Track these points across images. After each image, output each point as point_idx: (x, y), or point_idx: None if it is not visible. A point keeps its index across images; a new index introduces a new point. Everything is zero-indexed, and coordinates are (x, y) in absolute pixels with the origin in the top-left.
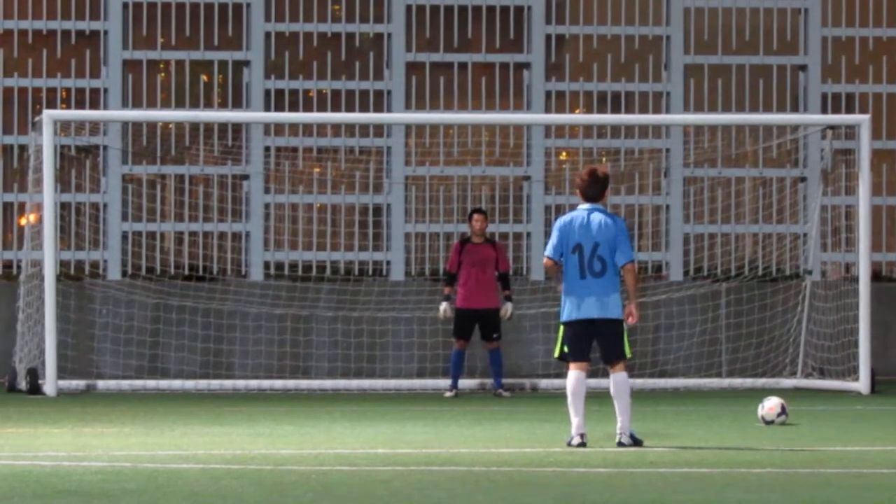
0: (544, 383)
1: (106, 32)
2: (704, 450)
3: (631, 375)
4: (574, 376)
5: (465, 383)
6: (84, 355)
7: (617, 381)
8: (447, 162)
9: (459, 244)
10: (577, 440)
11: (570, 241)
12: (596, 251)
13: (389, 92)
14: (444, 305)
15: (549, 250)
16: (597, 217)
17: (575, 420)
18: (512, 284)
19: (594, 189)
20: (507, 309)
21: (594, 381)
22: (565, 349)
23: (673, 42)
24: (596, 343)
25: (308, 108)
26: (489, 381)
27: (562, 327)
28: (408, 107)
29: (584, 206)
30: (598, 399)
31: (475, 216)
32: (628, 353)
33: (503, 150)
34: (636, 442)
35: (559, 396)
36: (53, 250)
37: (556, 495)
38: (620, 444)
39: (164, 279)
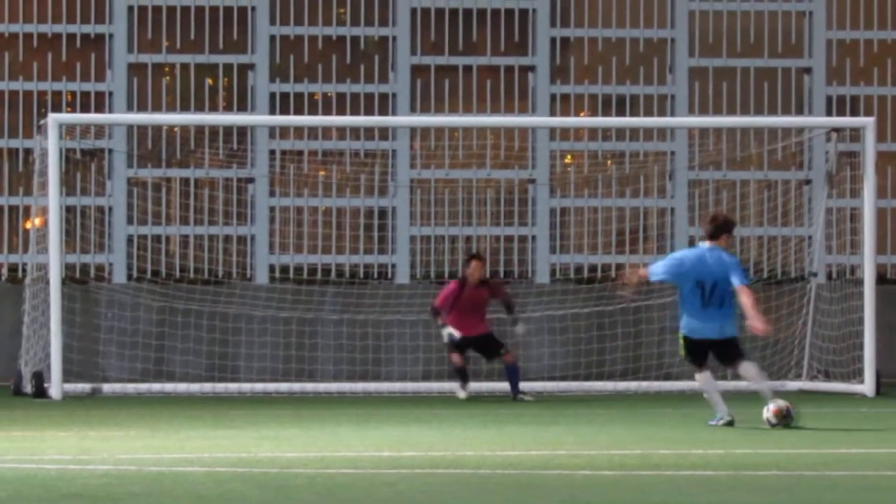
0: (550, 386)
1: (111, 36)
2: (710, 452)
3: (636, 378)
4: (702, 377)
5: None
6: (89, 359)
7: (746, 370)
8: (452, 165)
9: (457, 288)
10: (724, 420)
11: (691, 274)
12: (716, 287)
13: (394, 95)
14: (447, 330)
15: (658, 268)
16: (715, 254)
17: (719, 406)
18: (514, 304)
19: (715, 230)
20: (520, 329)
21: (599, 384)
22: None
23: (678, 45)
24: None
25: (313, 112)
26: (496, 385)
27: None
28: (413, 110)
29: (705, 245)
30: (605, 403)
31: (473, 263)
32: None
33: (508, 152)
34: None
35: (565, 400)
36: (59, 254)
37: (561, 498)
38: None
39: (169, 282)
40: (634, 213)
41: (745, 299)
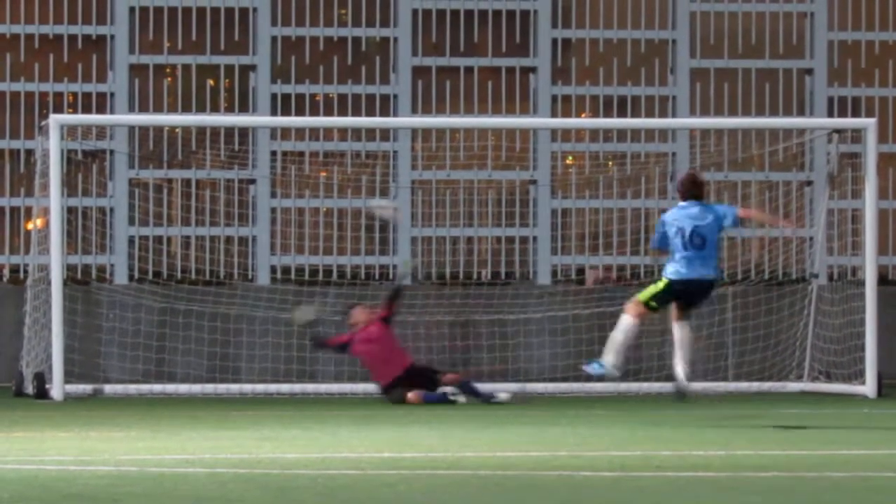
0: (551, 387)
1: (112, 37)
2: (710, 453)
3: (637, 380)
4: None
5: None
6: (91, 360)
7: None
8: (453, 166)
9: (350, 339)
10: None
11: (672, 226)
12: (694, 231)
13: (396, 96)
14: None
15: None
16: (693, 206)
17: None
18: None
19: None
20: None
21: (601, 386)
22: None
23: (679, 46)
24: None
25: (314, 113)
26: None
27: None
28: (414, 111)
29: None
30: (606, 404)
31: (354, 313)
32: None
33: (509, 153)
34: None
35: (565, 400)
36: (60, 255)
37: (561, 499)
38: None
39: (170, 283)
40: (636, 215)
41: (753, 213)
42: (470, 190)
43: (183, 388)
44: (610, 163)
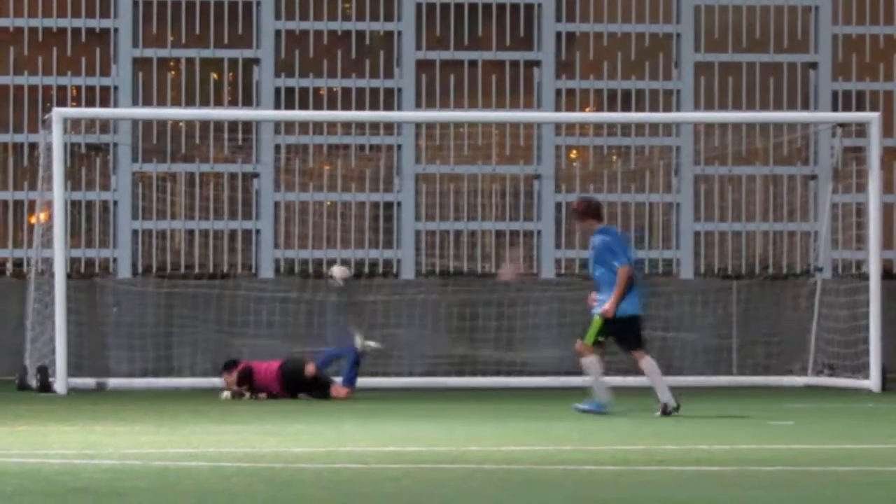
0: (556, 381)
1: (116, 30)
2: (715, 447)
3: (641, 373)
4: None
5: (476, 382)
6: (95, 353)
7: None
8: (457, 160)
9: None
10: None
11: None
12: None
13: (399, 90)
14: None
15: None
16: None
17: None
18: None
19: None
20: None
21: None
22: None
23: (683, 40)
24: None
25: (318, 106)
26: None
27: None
28: (418, 105)
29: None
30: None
31: (229, 377)
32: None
33: (513, 147)
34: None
35: (570, 395)
36: (64, 248)
37: (565, 493)
38: None
39: (174, 277)
40: (640, 209)
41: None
42: (474, 184)
43: (187, 381)
44: (614, 157)
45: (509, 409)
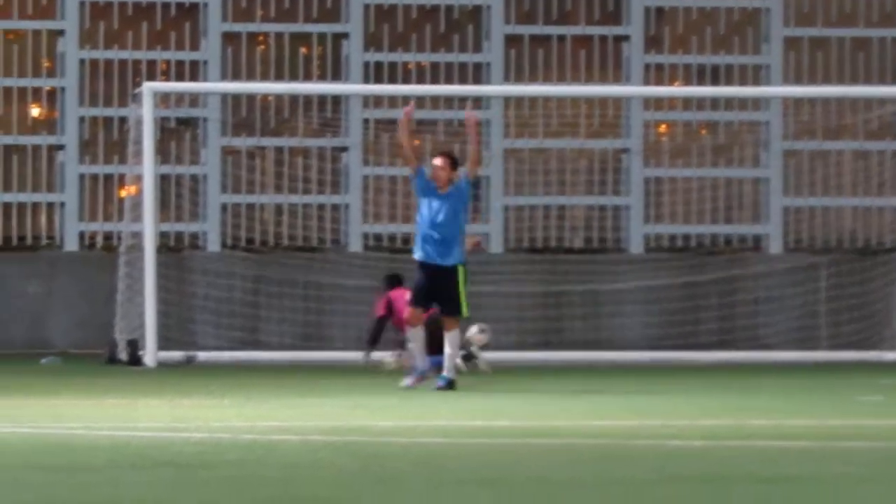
0: (643, 356)
1: (205, 5)
2: (802, 423)
3: (729, 348)
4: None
5: (563, 356)
6: (183, 327)
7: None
8: (546, 134)
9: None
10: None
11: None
12: None
13: (488, 64)
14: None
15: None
16: None
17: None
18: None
19: None
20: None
21: (692, 355)
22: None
23: (772, 14)
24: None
25: (406, 81)
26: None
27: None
28: (506, 79)
29: None
30: (698, 373)
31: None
32: None
33: (602, 122)
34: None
35: (657, 370)
36: (153, 222)
37: (651, 467)
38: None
39: (262, 251)
40: (728, 184)
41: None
42: (562, 158)
43: (275, 355)
44: (702, 132)
45: (596, 383)
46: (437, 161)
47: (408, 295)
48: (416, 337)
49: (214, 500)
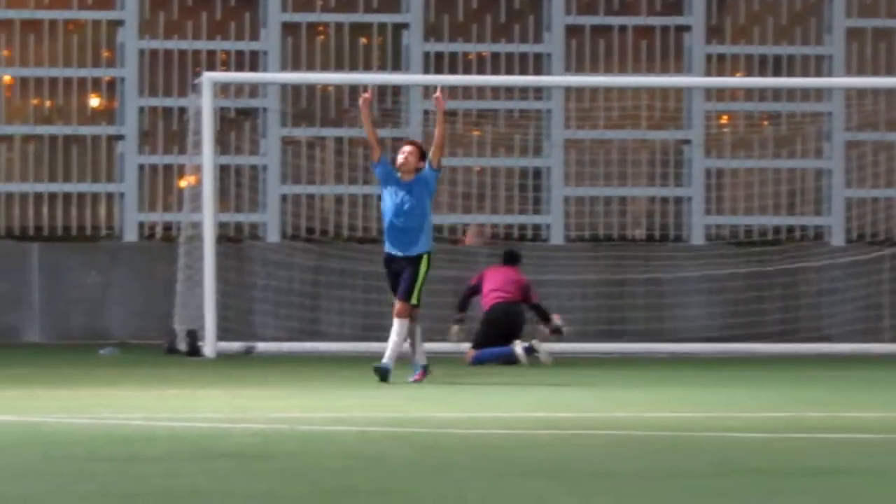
0: (705, 348)
1: None
2: (864, 415)
3: (791, 340)
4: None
5: (625, 348)
6: (243, 317)
7: None
8: (606, 125)
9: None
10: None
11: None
12: None
13: (549, 55)
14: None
15: None
16: None
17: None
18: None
19: None
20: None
21: (754, 346)
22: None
23: (835, 5)
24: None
25: (466, 71)
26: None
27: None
28: (567, 70)
29: None
30: (760, 365)
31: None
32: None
33: (663, 113)
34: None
35: (719, 361)
36: (213, 212)
37: (712, 459)
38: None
39: (323, 241)
40: (790, 175)
41: None
42: (623, 149)
43: (334, 346)
44: (764, 122)
45: (657, 375)
46: (406, 148)
47: (506, 272)
48: (410, 332)
49: (272, 491)
